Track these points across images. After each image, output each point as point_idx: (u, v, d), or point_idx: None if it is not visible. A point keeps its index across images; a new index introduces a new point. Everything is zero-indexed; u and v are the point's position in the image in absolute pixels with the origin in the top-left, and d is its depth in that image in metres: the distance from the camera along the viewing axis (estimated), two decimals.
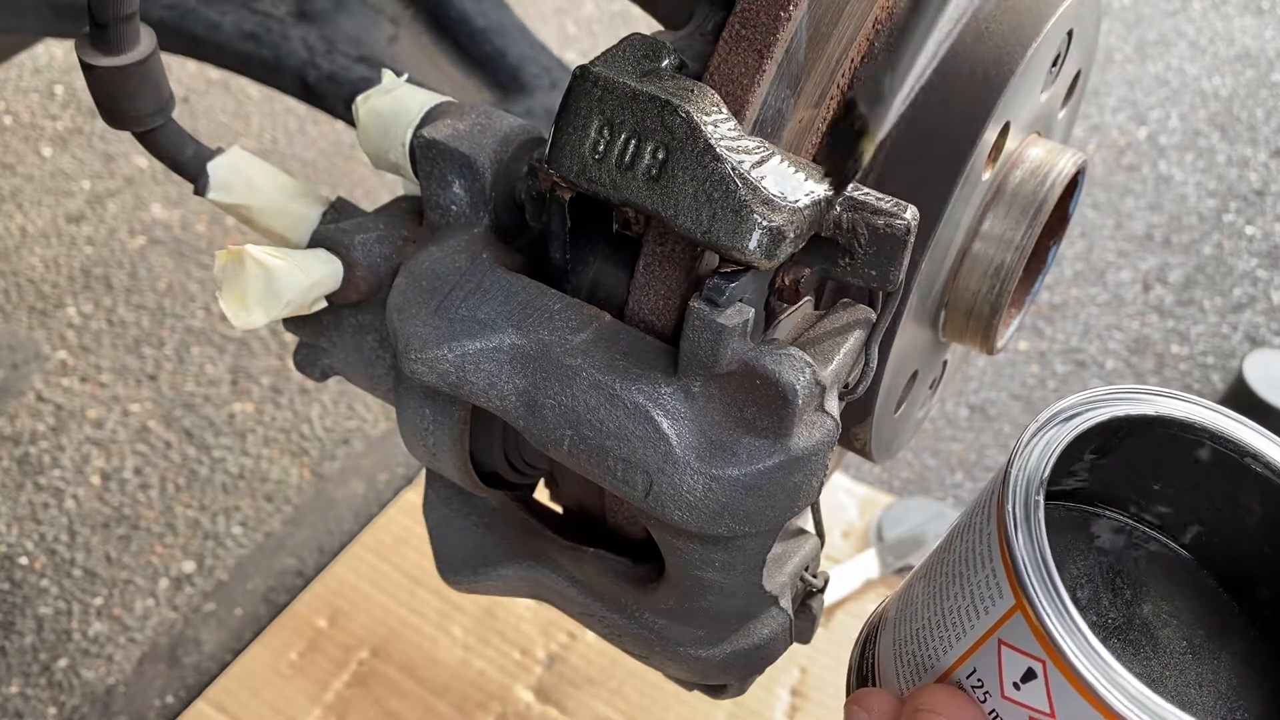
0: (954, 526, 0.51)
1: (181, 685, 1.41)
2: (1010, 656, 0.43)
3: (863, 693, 0.51)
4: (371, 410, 1.76)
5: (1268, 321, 2.03)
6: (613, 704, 1.31)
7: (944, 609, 0.47)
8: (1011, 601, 0.43)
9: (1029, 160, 0.70)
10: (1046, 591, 0.42)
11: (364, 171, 2.20)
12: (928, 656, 0.48)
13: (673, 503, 0.54)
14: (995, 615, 0.44)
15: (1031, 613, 0.41)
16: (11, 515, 1.58)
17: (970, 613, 0.45)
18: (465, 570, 0.74)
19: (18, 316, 1.85)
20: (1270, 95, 2.58)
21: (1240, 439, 0.48)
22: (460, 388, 0.58)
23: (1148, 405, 0.48)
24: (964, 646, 0.46)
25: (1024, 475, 0.46)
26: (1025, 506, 0.44)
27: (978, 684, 0.45)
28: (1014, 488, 0.45)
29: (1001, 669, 0.43)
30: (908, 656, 0.50)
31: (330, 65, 0.96)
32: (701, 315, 0.51)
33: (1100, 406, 0.48)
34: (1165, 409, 0.48)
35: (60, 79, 2.35)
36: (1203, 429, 0.48)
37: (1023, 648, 0.42)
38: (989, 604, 0.44)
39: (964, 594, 0.46)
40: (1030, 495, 0.45)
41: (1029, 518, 0.44)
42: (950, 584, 0.47)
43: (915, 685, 0.49)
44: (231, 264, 0.60)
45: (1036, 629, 0.41)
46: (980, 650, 0.45)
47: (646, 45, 0.56)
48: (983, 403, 1.86)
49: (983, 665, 0.45)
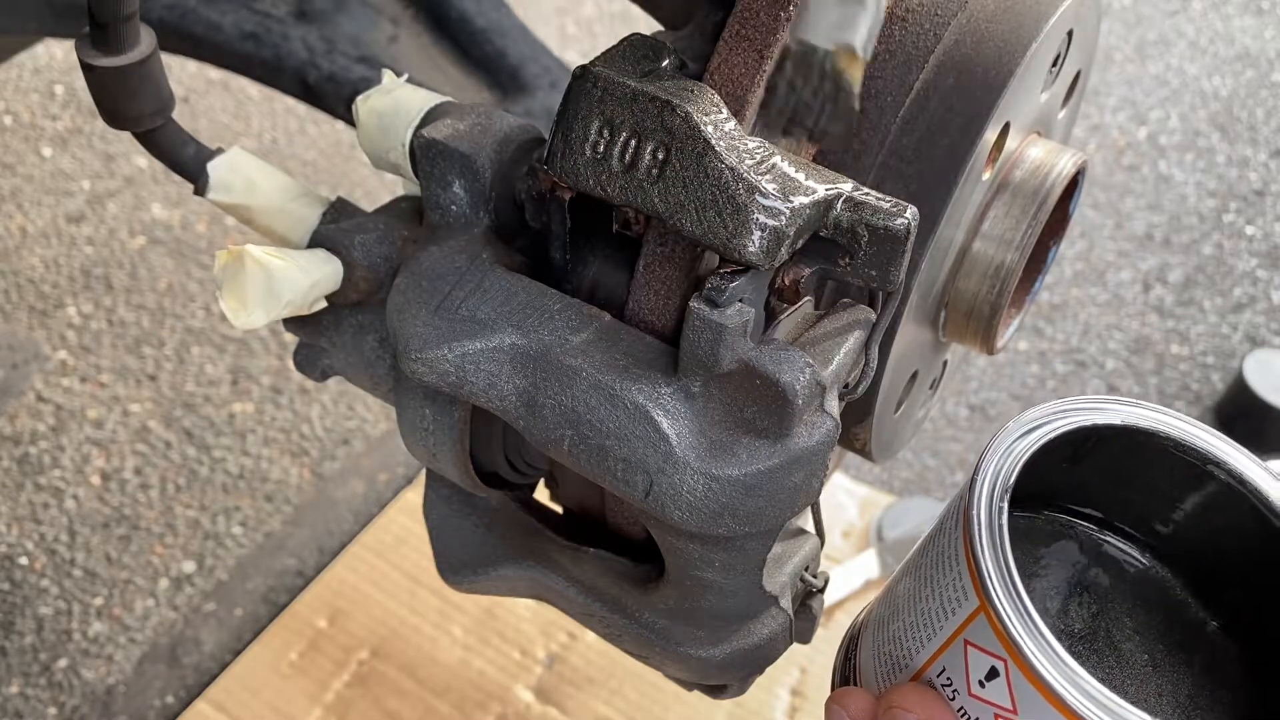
0: (928, 533, 0.52)
1: (181, 685, 1.41)
2: (975, 656, 0.45)
3: (842, 691, 0.52)
4: (371, 410, 1.76)
5: (1268, 321, 2.03)
6: (613, 704, 1.31)
7: (917, 611, 0.49)
8: (976, 603, 0.44)
9: (1029, 160, 0.70)
10: (1008, 593, 0.43)
11: (364, 171, 2.20)
12: (902, 656, 0.50)
13: (673, 503, 0.54)
14: (961, 616, 0.45)
15: (993, 614, 0.43)
16: (11, 515, 1.58)
17: (940, 614, 0.47)
18: (465, 570, 0.74)
19: (18, 316, 1.85)
20: (1270, 95, 2.58)
21: (1203, 448, 0.49)
22: (460, 388, 0.58)
23: (1114, 415, 0.50)
24: (934, 646, 0.47)
25: (989, 482, 0.47)
26: (989, 512, 0.46)
27: (947, 682, 0.47)
28: (979, 494, 0.46)
29: (968, 668, 0.45)
30: (885, 656, 0.52)
31: (330, 65, 0.96)
32: (701, 315, 0.51)
33: (1067, 416, 0.49)
34: (1130, 419, 0.50)
35: (60, 79, 2.36)
36: (1167, 438, 0.49)
37: (986, 647, 0.44)
38: (956, 605, 0.46)
39: (934, 596, 0.48)
40: (994, 501, 0.46)
41: (993, 523, 0.45)
42: (923, 587, 0.49)
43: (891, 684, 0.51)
44: (231, 264, 0.60)
45: (998, 629, 0.43)
46: (949, 650, 0.46)
47: (646, 45, 0.56)
48: (983, 403, 1.86)
49: (951, 664, 0.46)
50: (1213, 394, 1.89)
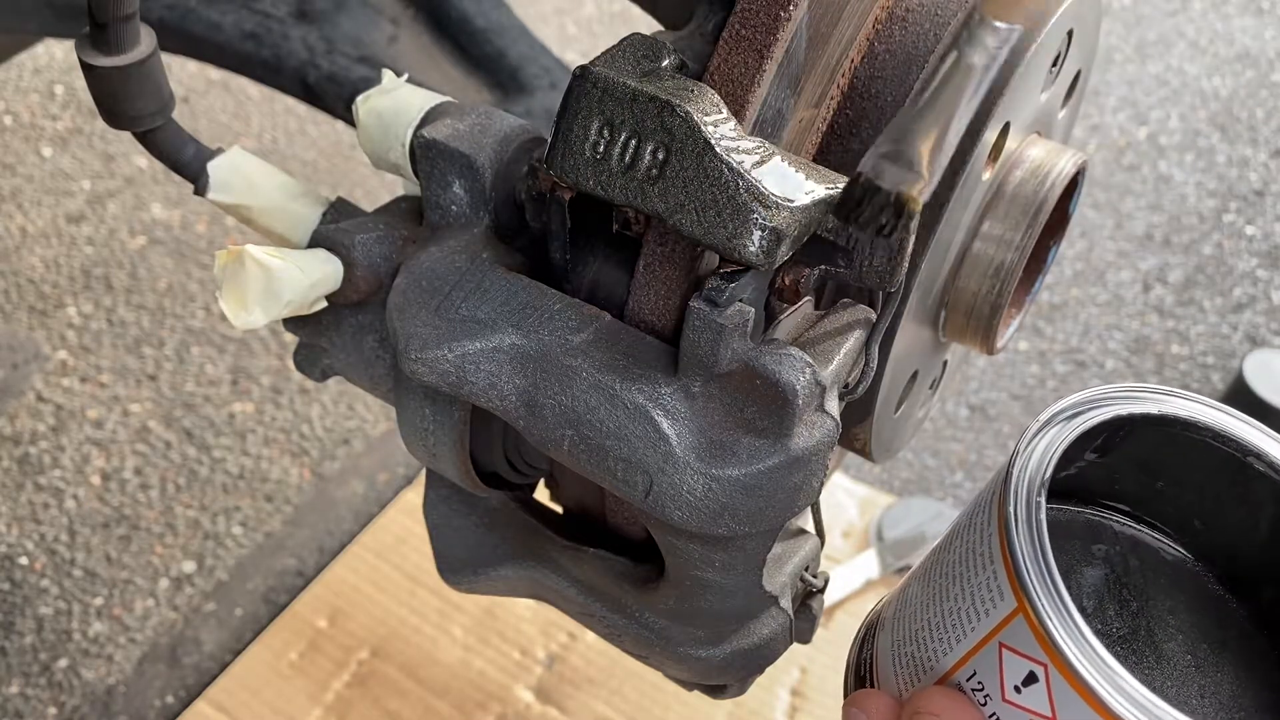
0: (953, 526, 0.50)
1: (181, 685, 1.41)
2: (1011, 660, 0.42)
3: (861, 694, 0.51)
4: (371, 410, 1.76)
5: (1268, 321, 2.03)
6: (613, 704, 1.31)
7: (943, 610, 0.47)
8: (1013, 604, 0.42)
9: (1029, 160, 0.70)
10: (1048, 594, 0.41)
11: (364, 171, 2.20)
12: (927, 658, 0.48)
13: (673, 503, 0.54)
14: (996, 618, 0.43)
15: (1033, 615, 0.41)
16: (11, 515, 1.58)
17: (970, 614, 0.45)
18: (465, 570, 0.74)
19: (18, 316, 1.85)
20: (1270, 95, 2.58)
21: (1243, 438, 0.48)
22: (460, 388, 0.58)
23: (1151, 404, 0.48)
24: (964, 649, 0.45)
25: (1026, 475, 0.45)
26: (1027, 507, 0.44)
27: (978, 687, 0.44)
28: (1015, 488, 0.44)
29: (1002, 672, 0.43)
30: (906, 658, 0.50)
31: (330, 65, 0.97)
32: (701, 315, 0.51)
33: (1103, 405, 0.48)
34: (1168, 408, 0.48)
35: (60, 79, 2.35)
36: (1206, 428, 0.48)
37: (1024, 651, 0.42)
38: (990, 606, 0.44)
39: (964, 595, 0.45)
40: (1032, 496, 0.44)
41: (1030, 519, 0.43)
42: (950, 585, 0.47)
43: (914, 687, 0.49)
44: (231, 264, 0.60)
45: (1038, 632, 0.41)
46: (981, 653, 0.44)
47: (646, 45, 0.56)
48: (983, 403, 1.86)
49: (983, 668, 0.44)
50: (1213, 394, 1.89)
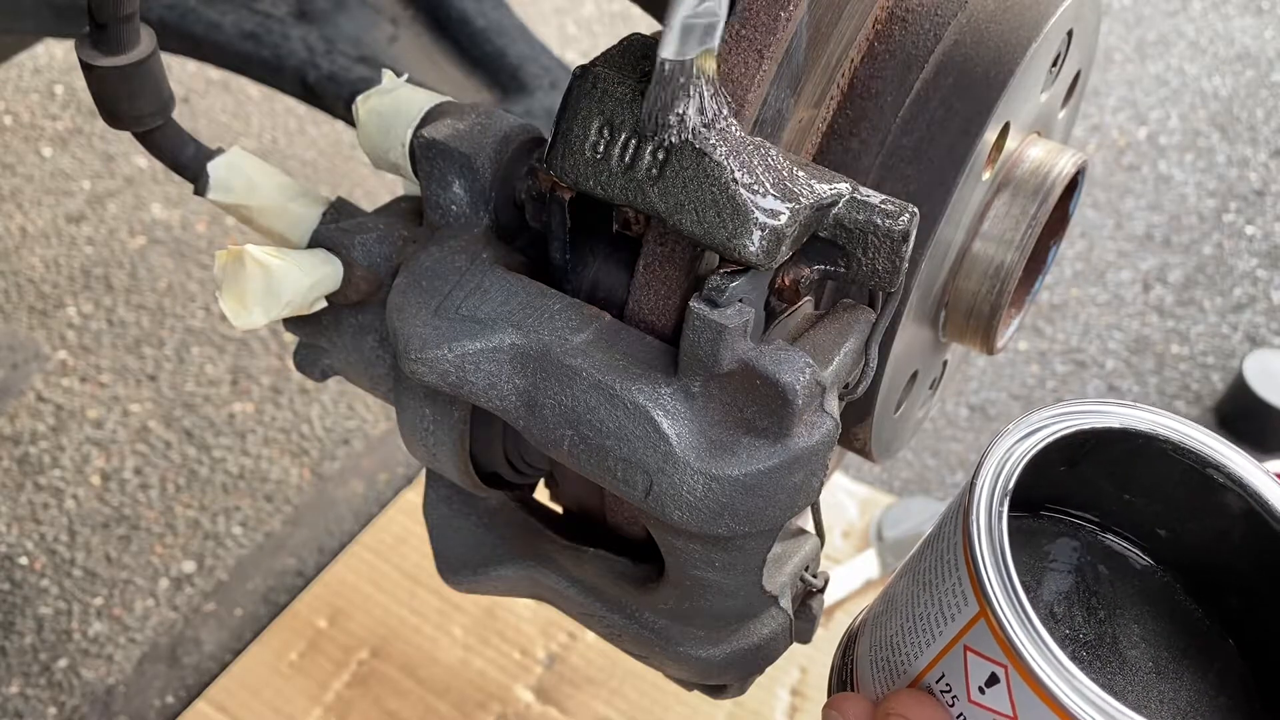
0: (926, 537, 0.52)
1: (181, 685, 1.41)
2: (975, 662, 0.44)
3: (839, 697, 0.52)
4: (371, 410, 1.76)
5: (1268, 321, 2.03)
6: (613, 704, 1.31)
7: (915, 615, 0.49)
8: (976, 609, 0.44)
9: (1029, 160, 0.70)
10: (1008, 599, 0.43)
11: (364, 171, 2.20)
12: (900, 662, 0.50)
13: (673, 503, 0.54)
14: (961, 622, 0.45)
15: (994, 619, 0.43)
16: (11, 515, 1.58)
17: (939, 619, 0.47)
18: (465, 570, 0.74)
19: (18, 316, 1.85)
20: (1270, 95, 2.58)
21: (1202, 451, 0.49)
22: (460, 388, 0.58)
23: (1113, 418, 0.49)
24: (933, 652, 0.47)
25: (989, 487, 0.47)
26: (989, 517, 0.45)
27: (946, 689, 0.46)
28: (979, 499, 0.46)
29: (968, 674, 0.45)
30: (882, 662, 0.51)
31: (330, 65, 0.97)
32: (701, 315, 0.51)
33: (1066, 420, 0.49)
34: (1130, 422, 0.49)
35: (60, 79, 2.35)
36: (1165, 441, 0.49)
37: (986, 653, 0.44)
38: (955, 611, 0.46)
39: (933, 601, 0.47)
40: (994, 506, 0.46)
41: (992, 528, 0.45)
42: (921, 592, 0.49)
43: (889, 690, 0.50)
44: (231, 264, 0.60)
45: (998, 635, 0.43)
46: (948, 656, 0.46)
47: (646, 45, 0.56)
48: (983, 403, 1.86)
49: (950, 670, 0.46)
50: (1213, 394, 1.89)
